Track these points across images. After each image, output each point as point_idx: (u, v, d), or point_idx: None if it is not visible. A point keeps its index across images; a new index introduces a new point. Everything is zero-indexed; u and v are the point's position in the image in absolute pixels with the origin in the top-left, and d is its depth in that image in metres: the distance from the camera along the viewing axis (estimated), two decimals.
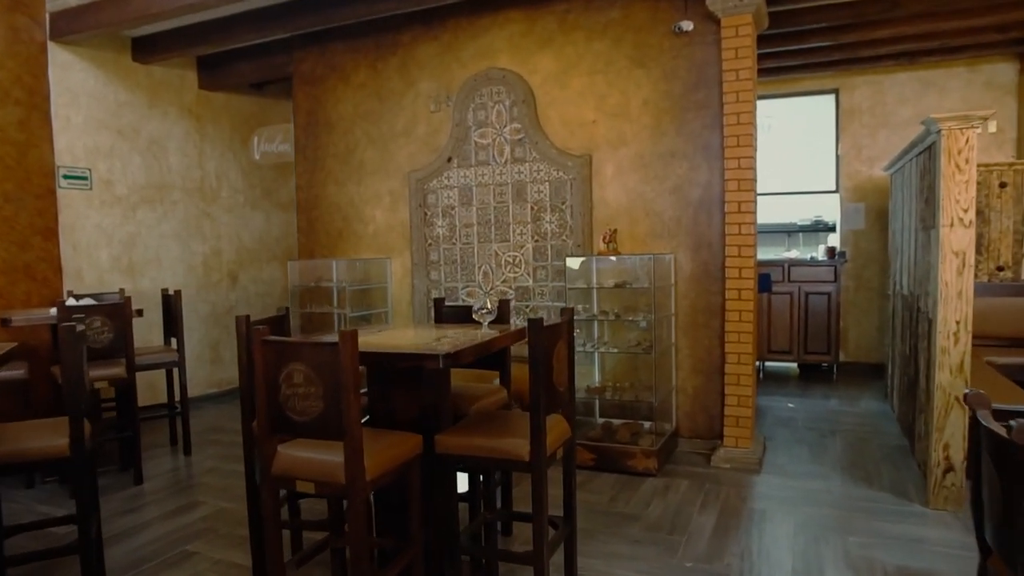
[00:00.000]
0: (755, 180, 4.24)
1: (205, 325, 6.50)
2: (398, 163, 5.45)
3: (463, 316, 3.42)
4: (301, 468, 2.19)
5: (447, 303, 3.51)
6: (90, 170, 5.58)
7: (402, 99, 5.40)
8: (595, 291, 4.59)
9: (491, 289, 5.14)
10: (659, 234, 4.55)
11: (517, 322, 5.00)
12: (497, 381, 3.37)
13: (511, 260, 5.07)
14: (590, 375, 4.68)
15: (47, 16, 5.28)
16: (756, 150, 4.32)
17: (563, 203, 4.85)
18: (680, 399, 4.55)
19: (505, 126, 5.02)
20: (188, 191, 6.34)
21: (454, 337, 2.64)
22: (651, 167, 4.55)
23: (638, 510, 3.50)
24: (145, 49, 5.81)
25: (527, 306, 5.03)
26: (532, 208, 4.96)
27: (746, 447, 4.20)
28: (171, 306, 4.94)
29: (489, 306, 2.78)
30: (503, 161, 5.04)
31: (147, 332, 5.95)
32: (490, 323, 2.85)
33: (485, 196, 5.13)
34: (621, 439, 4.21)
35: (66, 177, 5.42)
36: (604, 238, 4.38)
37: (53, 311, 4.09)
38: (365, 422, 2.67)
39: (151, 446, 4.99)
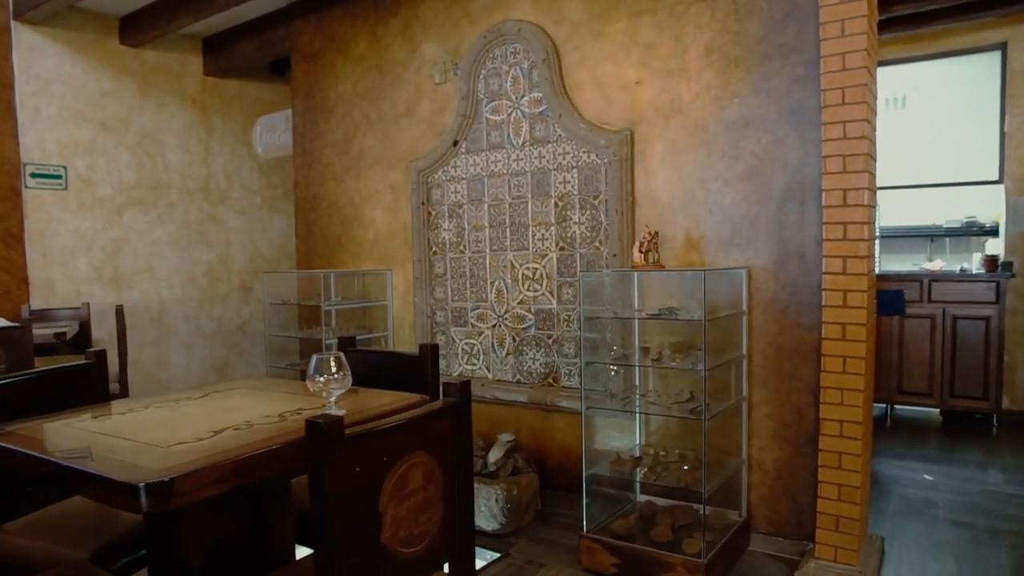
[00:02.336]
0: (873, 158, 2.79)
1: (210, 344, 5.69)
2: (400, 151, 4.36)
3: (379, 368, 2.26)
4: None
5: (359, 343, 2.35)
6: (65, 168, 4.87)
7: (404, 70, 4.30)
8: (635, 322, 3.27)
9: (505, 314, 3.93)
10: (726, 239, 3.17)
11: (535, 364, 3.77)
12: None
13: (530, 274, 3.83)
14: (628, 434, 3.36)
15: None
16: (875, 113, 2.86)
17: (595, 197, 3.56)
18: (754, 477, 3.14)
19: (523, 96, 3.80)
20: (189, 191, 5.55)
21: (268, 427, 1.48)
22: (715, 142, 3.18)
23: None
24: (132, 29, 5.06)
25: (550, 337, 3.76)
26: (556, 204, 3.70)
27: (850, 563, 2.74)
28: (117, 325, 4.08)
29: (334, 368, 1.59)
30: (520, 143, 3.82)
31: (137, 353, 5.19)
32: (339, 399, 1.67)
33: (499, 189, 3.93)
34: (659, 537, 2.88)
35: (35, 176, 4.72)
36: (640, 245, 3.06)
37: None
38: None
39: None
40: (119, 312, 3.94)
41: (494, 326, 3.98)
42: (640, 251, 3.04)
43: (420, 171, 4.21)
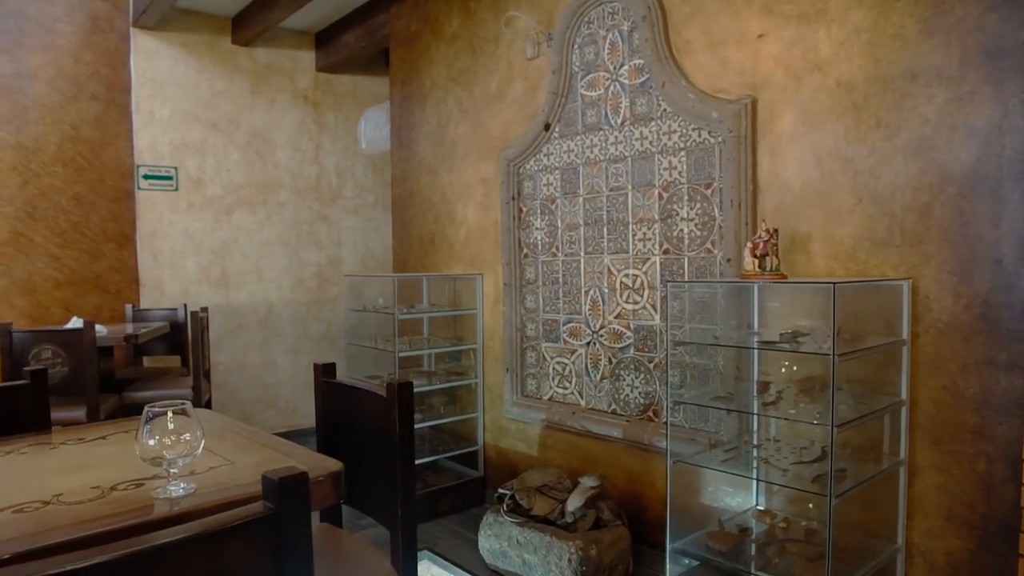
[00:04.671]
0: None
1: (317, 348, 5.53)
2: (492, 138, 3.83)
3: (347, 406, 1.73)
4: None
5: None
6: (176, 169, 4.87)
7: (496, 47, 3.77)
8: (754, 352, 2.49)
9: (600, 329, 3.27)
10: (881, 239, 2.30)
11: (633, 393, 3.10)
12: None
13: (629, 282, 3.14)
14: (743, 491, 2.59)
15: (130, 1, 4.65)
16: None
17: (707, 186, 2.81)
18: (916, 572, 2.24)
19: (622, 65, 3.12)
20: (299, 191, 5.41)
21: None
22: (867, 106, 2.32)
23: None
24: (241, 28, 4.97)
25: (650, 361, 3.05)
26: (660, 196, 2.99)
27: None
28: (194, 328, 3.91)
29: (173, 427, 1.07)
30: (619, 122, 3.14)
31: (243, 355, 5.13)
32: (179, 496, 1.14)
33: (595, 180, 3.28)
34: None
35: (147, 177, 4.76)
36: (754, 247, 2.29)
37: None
38: None
39: None
40: (194, 316, 3.78)
41: (588, 343, 3.34)
42: (753, 254, 2.27)
43: (510, 161, 3.66)
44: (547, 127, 3.44)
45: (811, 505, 2.36)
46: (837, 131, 2.38)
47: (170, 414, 1.12)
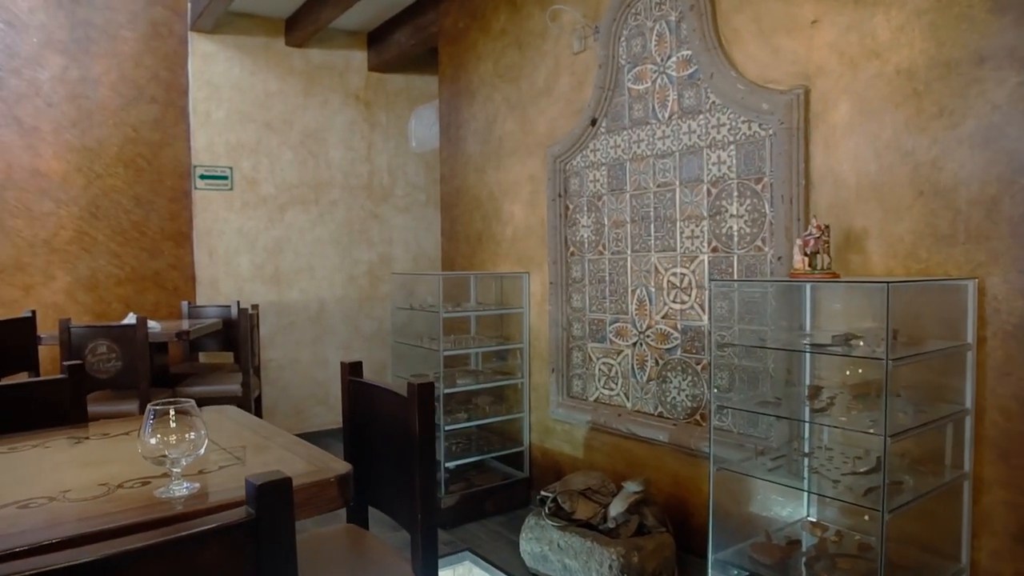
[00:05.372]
0: None
1: (369, 345, 5.58)
2: (538, 134, 3.78)
3: (369, 405, 1.70)
4: None
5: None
6: (231, 168, 4.99)
7: (543, 42, 3.71)
8: (806, 355, 2.36)
9: (647, 330, 3.17)
10: (944, 235, 2.15)
11: (680, 395, 3.02)
12: None
13: (677, 281, 3.04)
14: (792, 500, 2.46)
15: (188, 5, 4.79)
16: None
17: (757, 180, 2.69)
18: None
19: (669, 57, 3.02)
20: (351, 189, 5.47)
21: None
22: (929, 93, 2.17)
23: None
24: (294, 29, 5.05)
25: (698, 363, 2.95)
26: (709, 192, 2.88)
27: None
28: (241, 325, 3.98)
29: (175, 425, 1.05)
30: (667, 116, 3.04)
31: (295, 352, 5.22)
32: (181, 495, 1.12)
33: (641, 176, 3.19)
34: None
35: (203, 177, 4.89)
36: (804, 244, 2.16)
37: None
38: None
39: None
40: (244, 313, 3.85)
41: (634, 344, 3.25)
42: (803, 252, 2.16)
43: (556, 157, 3.60)
44: (593, 122, 3.37)
45: (866, 518, 2.22)
46: (896, 121, 2.24)
47: (172, 412, 1.11)
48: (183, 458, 1.12)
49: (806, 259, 2.14)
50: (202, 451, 1.15)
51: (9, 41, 4.32)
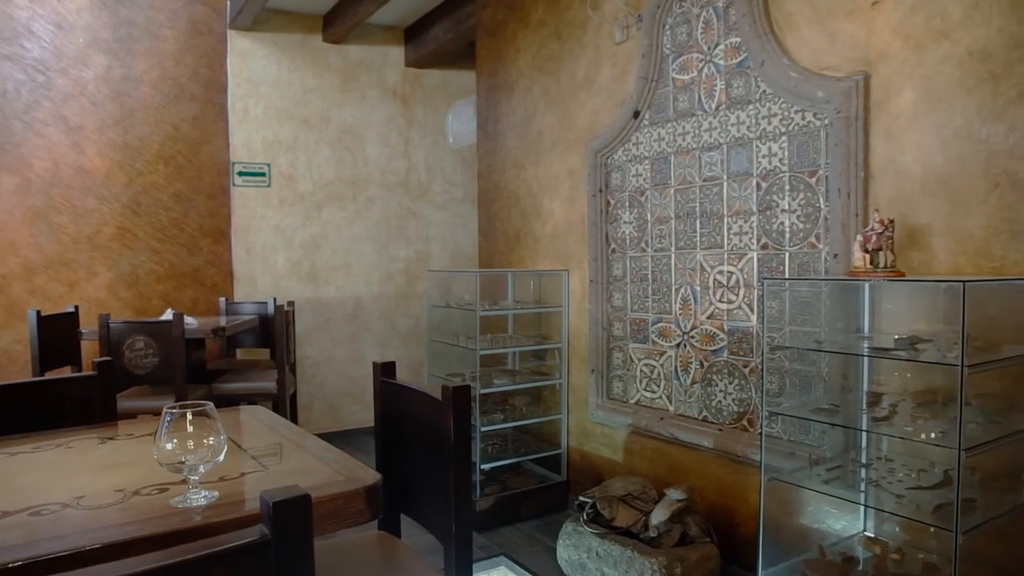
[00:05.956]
0: None
1: (405, 343, 5.53)
2: (578, 128, 3.67)
3: (402, 408, 1.62)
4: None
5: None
6: (269, 165, 4.98)
7: (584, 32, 3.60)
8: (864, 359, 2.21)
9: (691, 330, 3.04)
10: (1022, 230, 1.98)
11: (726, 400, 2.88)
12: None
13: (723, 280, 2.90)
14: (850, 513, 2.31)
15: (227, 3, 4.79)
16: None
17: (811, 173, 2.54)
18: None
19: (716, 45, 2.88)
20: (389, 186, 5.43)
21: None
22: (1007, 76, 2.00)
23: None
24: (331, 25, 5.02)
25: (745, 366, 2.81)
26: (758, 186, 2.74)
27: None
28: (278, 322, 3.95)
29: (192, 430, 0.98)
30: (714, 107, 2.91)
31: (331, 349, 5.20)
32: (197, 506, 1.05)
33: (687, 170, 3.05)
34: None
35: (241, 174, 4.89)
36: (865, 241, 2.02)
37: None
38: None
39: None
40: (279, 310, 3.82)
41: (678, 345, 3.12)
42: (864, 249, 2.01)
43: (597, 151, 3.48)
44: (636, 114, 3.24)
45: (932, 535, 2.06)
46: (968, 107, 2.07)
47: (190, 415, 1.04)
48: (201, 464, 1.05)
49: (867, 256, 1.99)
50: (221, 457, 1.08)
51: (58, 43, 4.38)
